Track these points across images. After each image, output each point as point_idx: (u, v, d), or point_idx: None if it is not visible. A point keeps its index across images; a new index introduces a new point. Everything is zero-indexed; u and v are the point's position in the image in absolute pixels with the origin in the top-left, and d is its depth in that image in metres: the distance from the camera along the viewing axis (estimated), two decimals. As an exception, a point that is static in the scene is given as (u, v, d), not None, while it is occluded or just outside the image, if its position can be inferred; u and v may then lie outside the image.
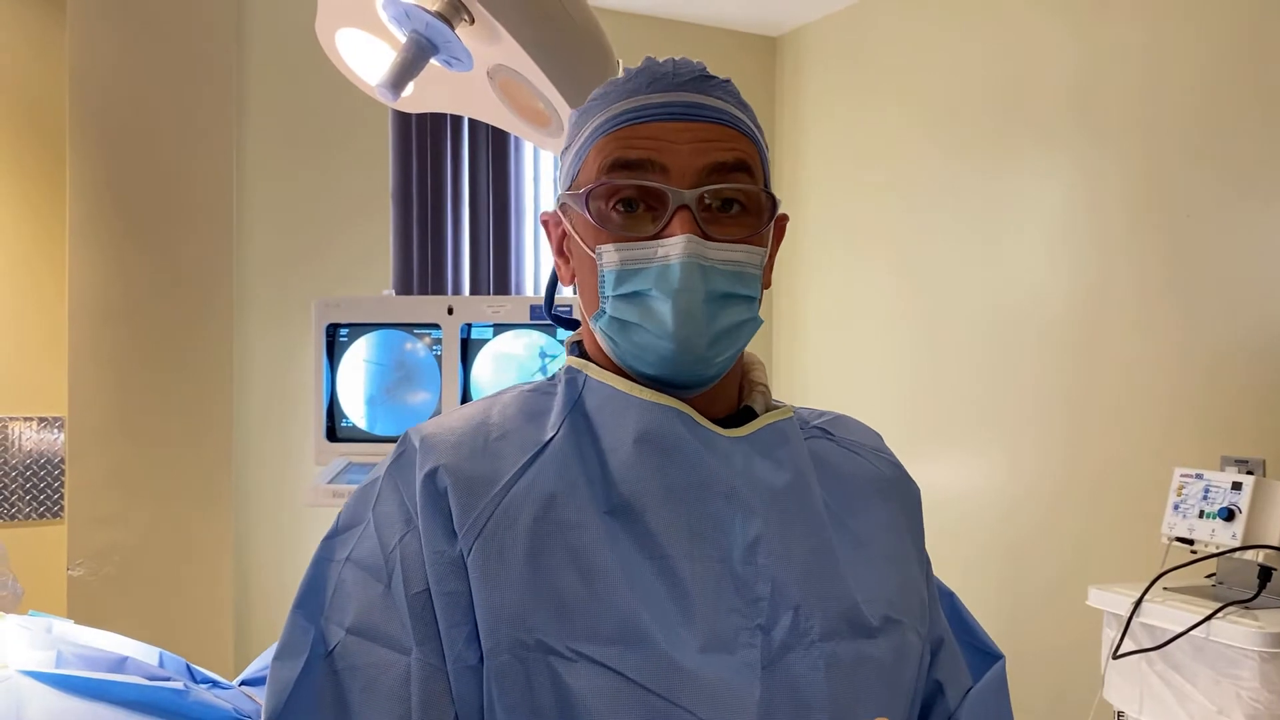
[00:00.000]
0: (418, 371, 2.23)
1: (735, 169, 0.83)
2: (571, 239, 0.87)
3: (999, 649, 0.97)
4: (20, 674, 1.27)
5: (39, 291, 3.08)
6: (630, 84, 0.85)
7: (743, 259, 0.82)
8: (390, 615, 0.77)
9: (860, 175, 3.74)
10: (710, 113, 0.83)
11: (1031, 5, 3.12)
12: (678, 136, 0.82)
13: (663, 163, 0.81)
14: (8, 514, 3.07)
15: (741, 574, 0.78)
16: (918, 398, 3.49)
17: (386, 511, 0.81)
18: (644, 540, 0.78)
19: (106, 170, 2.91)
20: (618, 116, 0.84)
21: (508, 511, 0.78)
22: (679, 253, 0.79)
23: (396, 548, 0.78)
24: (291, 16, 3.20)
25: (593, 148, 0.85)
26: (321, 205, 3.35)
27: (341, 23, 1.61)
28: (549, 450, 0.81)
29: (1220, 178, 2.62)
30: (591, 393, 0.85)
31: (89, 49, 2.89)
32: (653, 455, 0.80)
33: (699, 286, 0.80)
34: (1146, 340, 2.77)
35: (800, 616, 0.78)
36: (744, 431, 0.85)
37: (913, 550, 0.92)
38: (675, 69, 0.85)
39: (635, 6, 3.80)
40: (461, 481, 0.79)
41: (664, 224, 0.81)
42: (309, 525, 3.23)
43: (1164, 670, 2.14)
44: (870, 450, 0.94)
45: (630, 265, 0.81)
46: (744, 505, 0.80)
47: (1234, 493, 2.15)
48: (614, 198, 0.82)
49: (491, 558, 0.76)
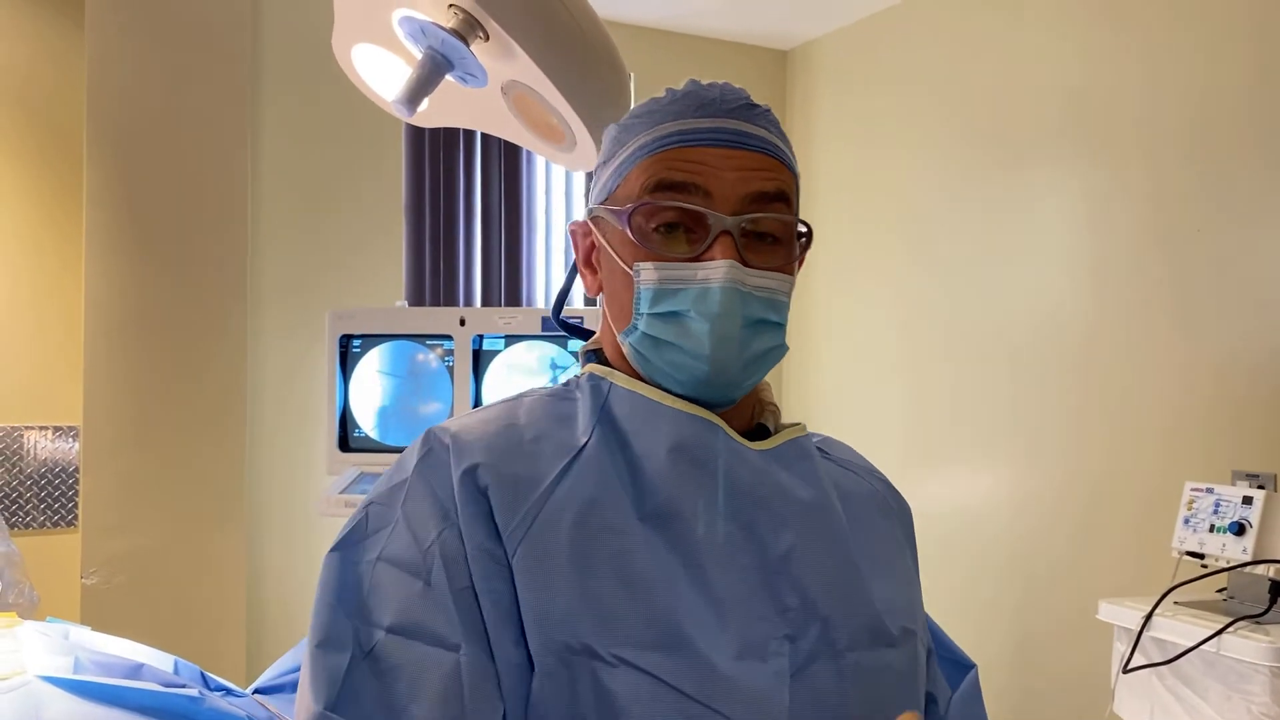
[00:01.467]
0: (430, 382, 2.25)
1: (775, 199, 0.85)
2: (604, 252, 0.88)
3: (970, 659, 1.00)
4: (38, 679, 1.28)
5: (55, 302, 3.10)
6: (676, 106, 0.87)
7: (777, 286, 0.84)
8: (433, 611, 0.76)
9: (869, 189, 3.75)
10: (755, 142, 0.85)
11: (1039, 23, 3.13)
12: (723, 163, 0.83)
13: (707, 187, 0.83)
14: (23, 522, 3.09)
15: (773, 584, 0.80)
16: (926, 413, 3.49)
17: (418, 508, 0.79)
18: (678, 548, 0.79)
19: (123, 182, 2.94)
20: (665, 138, 0.85)
21: (551, 514, 0.78)
22: (721, 277, 0.81)
23: (435, 543, 0.77)
24: (307, 30, 3.24)
25: (636, 166, 0.86)
26: (335, 217, 3.37)
27: (358, 38, 1.63)
28: (584, 454, 0.82)
29: (1226, 194, 2.62)
30: (619, 400, 0.86)
31: (107, 62, 2.92)
32: (686, 465, 0.81)
33: (737, 311, 0.81)
34: (1156, 354, 2.77)
35: (828, 628, 0.80)
36: (769, 445, 0.86)
37: (912, 566, 0.95)
38: (722, 95, 0.87)
39: (647, 20, 3.83)
40: (504, 481, 0.79)
41: (705, 247, 0.83)
42: (321, 534, 3.25)
43: (1174, 685, 2.13)
44: (864, 470, 0.97)
45: (669, 285, 0.82)
46: (777, 517, 0.82)
47: (1245, 507, 2.14)
48: (656, 217, 0.84)
49: (538, 560, 0.76)
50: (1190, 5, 2.72)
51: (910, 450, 3.52)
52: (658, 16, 3.80)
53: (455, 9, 1.43)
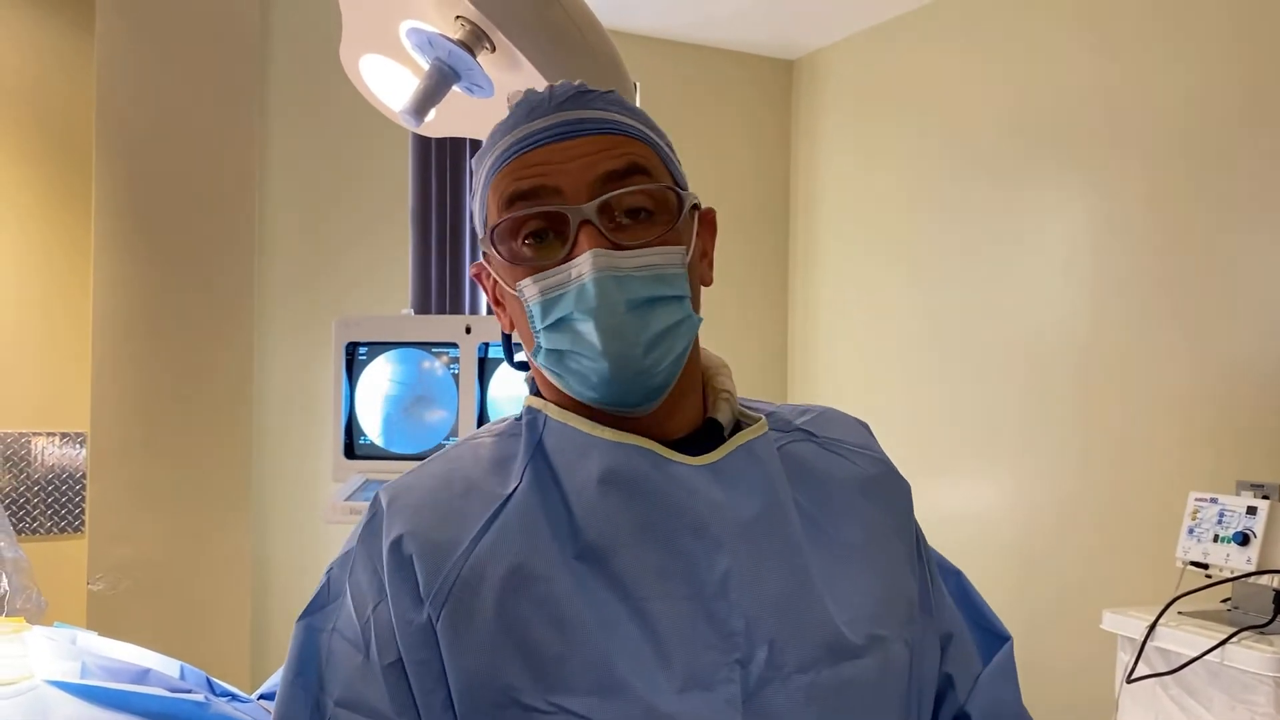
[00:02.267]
0: (435, 390, 2.26)
1: (629, 173, 0.81)
2: (499, 285, 0.86)
3: (1006, 630, 0.95)
4: (46, 684, 1.29)
5: (63, 308, 3.12)
6: (512, 118, 0.85)
7: (658, 261, 0.80)
8: (371, 685, 0.77)
9: (876, 199, 3.76)
10: (593, 125, 0.82)
11: (1046, 32, 3.14)
12: (564, 156, 0.81)
13: (555, 185, 0.80)
14: (29, 528, 3.10)
15: (714, 610, 0.77)
16: (932, 420, 3.49)
17: (359, 581, 0.81)
18: (614, 583, 0.77)
19: (131, 190, 2.96)
20: (505, 151, 0.83)
21: (473, 573, 0.77)
22: (589, 269, 0.78)
23: (370, 618, 0.78)
24: (315, 40, 3.26)
25: (489, 188, 0.84)
26: (342, 225, 3.39)
27: (365, 49, 1.64)
28: (512, 503, 0.80)
29: (1226, 205, 2.63)
30: (551, 434, 0.84)
31: (116, 71, 2.94)
32: (617, 496, 0.79)
33: (617, 298, 0.78)
34: (1161, 363, 2.78)
35: (775, 650, 0.77)
36: (711, 459, 0.82)
37: (900, 550, 0.89)
38: (551, 93, 0.84)
39: (653, 31, 3.84)
40: (426, 548, 0.78)
41: (571, 245, 0.80)
42: (326, 541, 3.26)
43: (1178, 695, 2.13)
44: (855, 448, 0.91)
45: (550, 294, 0.80)
46: (712, 539, 0.79)
47: (1249, 517, 2.14)
48: (520, 232, 0.81)
49: (460, 622, 0.76)
50: (1184, 21, 2.73)
51: (914, 460, 3.50)
52: (663, 27, 3.81)
53: (462, 21, 1.45)
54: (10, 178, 3.08)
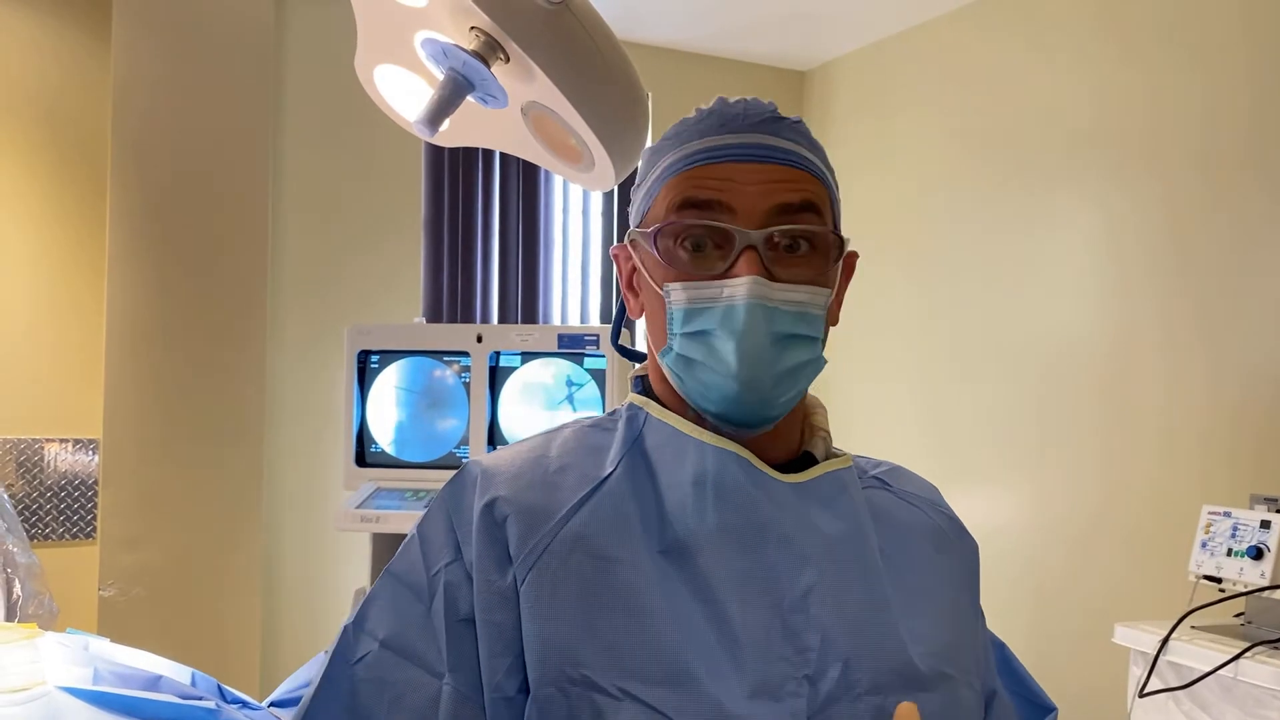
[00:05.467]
0: (446, 398, 2.26)
1: (802, 210, 0.83)
2: (640, 274, 0.88)
3: (1051, 701, 0.96)
4: (58, 690, 1.30)
5: (77, 315, 3.14)
6: (702, 124, 0.86)
7: (806, 300, 0.82)
8: (427, 637, 0.78)
9: (888, 209, 3.76)
10: (780, 154, 0.84)
11: (1058, 44, 3.14)
12: (747, 178, 0.83)
13: (730, 203, 0.82)
14: (41, 534, 3.11)
15: (791, 623, 0.78)
16: (946, 434, 3.48)
17: (433, 535, 0.83)
18: (695, 583, 0.78)
19: (145, 199, 2.98)
20: (689, 157, 0.85)
21: (563, 544, 0.79)
22: (744, 294, 0.80)
23: (441, 572, 0.80)
24: (330, 49, 3.28)
25: (663, 186, 0.86)
26: (355, 234, 3.41)
27: (380, 59, 1.65)
28: (606, 486, 0.82)
29: (1248, 216, 2.62)
30: (652, 431, 0.86)
31: (132, 80, 2.96)
32: (709, 497, 0.81)
33: (763, 328, 0.80)
34: (1175, 378, 2.77)
35: (849, 669, 0.77)
36: (803, 478, 0.84)
37: (968, 605, 0.91)
38: (746, 110, 0.86)
39: (666, 41, 3.85)
40: (521, 511, 0.80)
41: (730, 264, 0.81)
42: (337, 548, 3.26)
43: (1191, 710, 2.12)
44: (927, 503, 0.93)
45: (697, 304, 0.82)
46: (798, 553, 0.80)
47: (1263, 531, 2.13)
48: (682, 237, 0.83)
49: (545, 589, 0.77)
50: (1202, 30, 2.73)
51: (929, 469, 3.49)
52: (676, 38, 3.82)
53: (477, 31, 1.45)
54: (26, 185, 3.10)
